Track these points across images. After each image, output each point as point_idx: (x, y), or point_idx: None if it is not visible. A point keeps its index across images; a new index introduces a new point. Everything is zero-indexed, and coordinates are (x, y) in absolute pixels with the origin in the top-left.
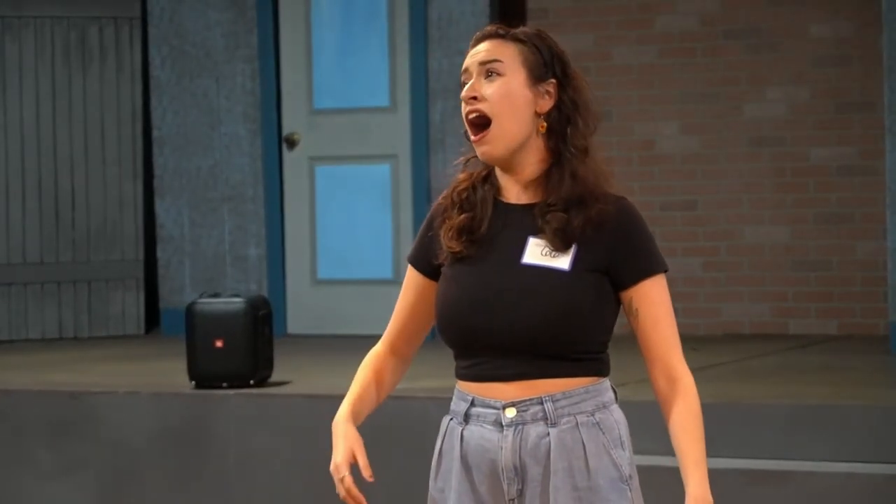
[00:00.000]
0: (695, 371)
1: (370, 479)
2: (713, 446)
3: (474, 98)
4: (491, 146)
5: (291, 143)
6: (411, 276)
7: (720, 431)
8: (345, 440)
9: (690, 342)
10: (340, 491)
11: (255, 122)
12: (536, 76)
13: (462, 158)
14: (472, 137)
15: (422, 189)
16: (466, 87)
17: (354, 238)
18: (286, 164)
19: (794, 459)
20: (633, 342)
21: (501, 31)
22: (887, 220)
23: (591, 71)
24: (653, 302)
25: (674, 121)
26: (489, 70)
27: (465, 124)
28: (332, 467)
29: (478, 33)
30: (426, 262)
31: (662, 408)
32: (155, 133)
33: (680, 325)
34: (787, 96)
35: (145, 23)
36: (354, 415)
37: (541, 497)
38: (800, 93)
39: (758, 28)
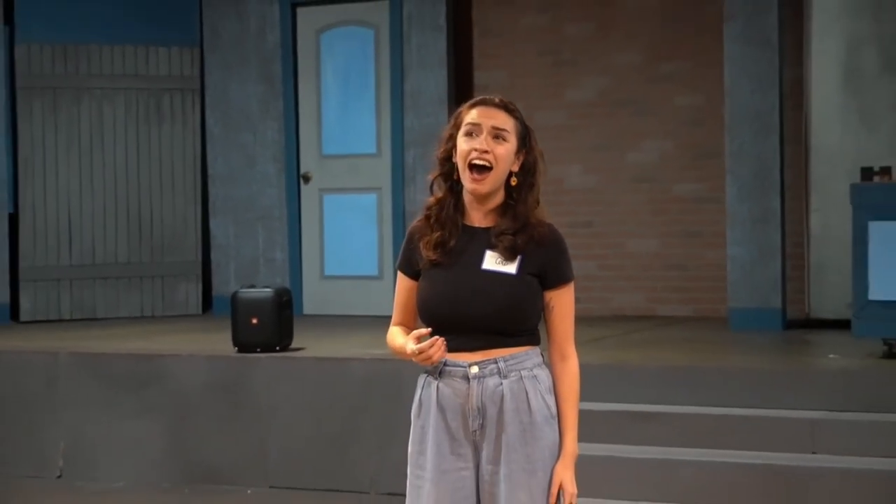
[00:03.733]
0: (590, 341)
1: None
2: (605, 395)
3: (486, 152)
4: (485, 186)
5: (306, 179)
6: (402, 279)
7: (609, 385)
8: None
9: (589, 321)
10: (415, 355)
11: (281, 163)
12: (518, 147)
13: (431, 176)
14: (475, 176)
15: (399, 212)
16: (479, 140)
17: (350, 246)
18: (303, 193)
19: (664, 404)
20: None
21: (511, 107)
22: (727, 235)
23: None
24: (563, 302)
25: (578, 164)
26: (498, 135)
27: (465, 165)
28: (410, 354)
29: (489, 97)
30: (411, 268)
31: (553, 375)
32: (210, 171)
33: (581, 309)
34: (659, 147)
35: (203, 93)
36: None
37: (497, 429)
38: (667, 145)
39: (638, 99)
